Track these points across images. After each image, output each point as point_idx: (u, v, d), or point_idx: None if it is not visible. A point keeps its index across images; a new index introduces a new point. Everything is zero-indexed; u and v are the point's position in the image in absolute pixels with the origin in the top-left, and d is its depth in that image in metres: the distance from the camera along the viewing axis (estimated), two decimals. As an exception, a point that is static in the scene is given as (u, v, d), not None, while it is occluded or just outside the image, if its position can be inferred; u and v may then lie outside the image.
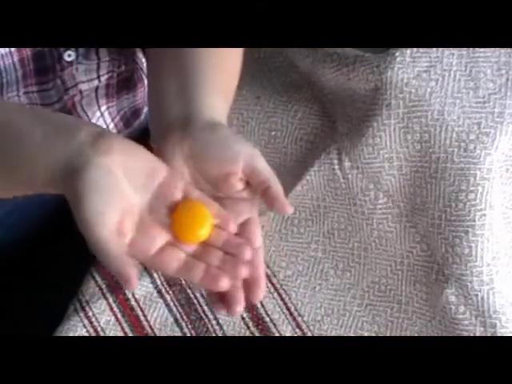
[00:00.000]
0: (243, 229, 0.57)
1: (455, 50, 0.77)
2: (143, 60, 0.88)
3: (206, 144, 0.57)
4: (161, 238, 0.55)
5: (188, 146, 0.58)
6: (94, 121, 0.84)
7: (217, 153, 0.57)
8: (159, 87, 0.65)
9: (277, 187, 0.57)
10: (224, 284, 0.53)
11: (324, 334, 0.84)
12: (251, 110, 0.92)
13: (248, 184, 0.58)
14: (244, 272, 0.54)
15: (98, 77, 0.79)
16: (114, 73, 0.80)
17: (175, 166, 0.57)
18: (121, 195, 0.53)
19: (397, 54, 0.78)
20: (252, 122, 0.92)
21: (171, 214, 0.56)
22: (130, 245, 0.53)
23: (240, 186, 0.57)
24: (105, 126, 0.86)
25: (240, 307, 0.55)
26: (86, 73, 0.77)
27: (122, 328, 0.81)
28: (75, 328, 0.80)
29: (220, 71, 0.67)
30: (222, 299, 0.56)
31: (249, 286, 0.55)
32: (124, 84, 0.85)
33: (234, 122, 0.92)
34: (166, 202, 0.56)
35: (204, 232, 0.56)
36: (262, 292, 0.55)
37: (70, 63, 0.74)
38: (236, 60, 0.71)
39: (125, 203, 0.53)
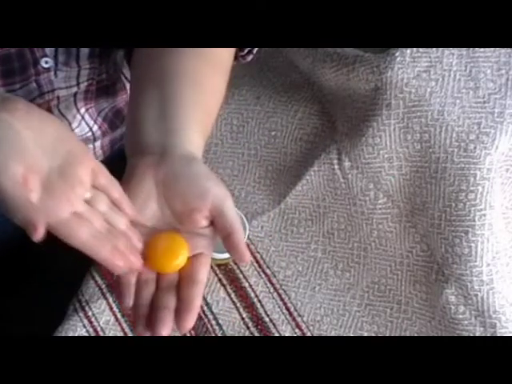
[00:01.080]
0: (190, 262, 0.57)
1: (455, 50, 0.78)
2: (126, 69, 0.87)
3: (179, 176, 0.58)
4: (70, 204, 0.54)
5: (162, 173, 0.58)
6: (75, 124, 0.83)
7: (187, 187, 0.57)
8: (139, 110, 0.65)
9: (239, 235, 0.56)
10: (122, 265, 0.54)
11: (323, 334, 0.84)
12: (251, 109, 0.92)
13: (212, 223, 0.58)
14: (138, 263, 0.55)
15: (78, 84, 0.79)
16: (93, 80, 0.80)
17: (144, 187, 0.58)
18: (24, 151, 0.53)
19: (397, 54, 0.78)
20: (252, 122, 0.92)
21: (146, 243, 0.57)
22: (39, 205, 0.52)
23: (204, 223, 0.57)
24: (88, 129, 0.85)
25: (166, 330, 0.55)
26: (65, 80, 0.77)
27: (122, 328, 0.81)
28: (75, 328, 0.80)
29: (201, 103, 0.67)
30: (148, 321, 0.56)
31: (180, 313, 0.55)
32: (104, 91, 0.84)
33: (234, 122, 0.92)
34: (77, 170, 0.55)
35: (181, 262, 0.57)
36: (191, 321, 0.55)
37: (47, 69, 0.74)
38: (220, 87, 0.71)
39: (29, 160, 0.53)
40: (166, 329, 0.55)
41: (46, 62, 0.73)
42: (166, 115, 0.63)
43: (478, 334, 0.78)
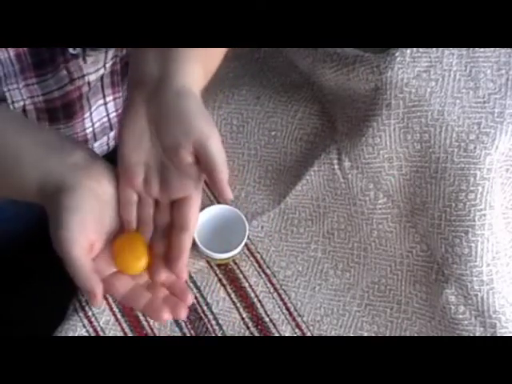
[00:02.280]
0: (180, 207, 0.60)
1: (455, 50, 0.77)
2: None
3: (168, 112, 0.59)
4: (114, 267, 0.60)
5: (154, 108, 0.59)
6: (93, 108, 0.84)
7: (175, 124, 0.58)
8: None
9: (221, 172, 0.58)
10: (165, 317, 0.58)
11: (323, 334, 0.84)
12: (251, 109, 0.92)
13: (198, 162, 0.59)
14: (183, 314, 0.58)
15: (104, 65, 0.79)
16: (117, 57, 0.81)
17: (138, 125, 0.59)
18: (100, 221, 0.58)
19: (397, 54, 0.78)
20: (252, 122, 0.92)
21: (111, 245, 0.60)
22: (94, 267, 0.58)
23: (189, 159, 0.58)
24: (104, 114, 0.86)
25: (162, 274, 0.60)
26: (94, 64, 0.78)
27: (122, 328, 0.81)
28: (75, 328, 0.80)
29: None
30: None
31: (170, 259, 0.59)
32: (127, 70, 0.85)
33: (234, 122, 0.92)
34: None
35: (141, 264, 0.60)
36: (181, 265, 0.59)
37: (76, 56, 0.74)
38: None
39: (101, 228, 0.58)
40: (162, 273, 0.60)
41: (74, 49, 0.74)
42: (167, 50, 0.63)
43: (478, 334, 0.78)
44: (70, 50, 0.73)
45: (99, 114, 0.85)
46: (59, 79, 0.75)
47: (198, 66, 0.63)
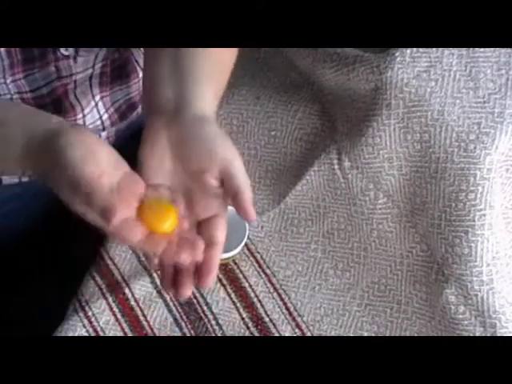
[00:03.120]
0: (207, 225, 0.60)
1: (455, 50, 0.78)
2: (136, 51, 0.88)
3: (190, 138, 0.60)
4: (130, 209, 0.58)
5: (175, 134, 0.60)
6: (87, 110, 0.84)
7: (198, 149, 0.60)
8: (154, 69, 0.67)
9: (246, 195, 0.59)
10: (184, 257, 0.57)
11: (323, 334, 0.84)
12: (251, 109, 0.92)
13: (223, 185, 0.60)
14: (200, 255, 0.58)
15: (93, 65, 0.80)
16: (107, 60, 0.81)
17: (159, 148, 0.60)
18: (98, 159, 0.56)
19: (397, 54, 0.78)
20: (252, 122, 0.92)
21: (139, 206, 0.59)
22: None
23: (214, 183, 0.60)
24: (98, 117, 0.87)
25: (188, 291, 0.59)
26: (83, 64, 0.78)
27: (122, 328, 0.81)
28: (75, 328, 0.80)
29: (215, 62, 0.69)
30: (173, 284, 0.60)
31: (200, 273, 0.59)
32: (118, 73, 0.85)
33: (234, 122, 0.92)
34: (133, 184, 0.59)
35: (169, 225, 0.59)
36: (211, 280, 0.59)
37: (67, 57, 0.75)
38: (231, 54, 0.73)
39: (101, 166, 0.56)
40: (188, 289, 0.59)
41: (66, 50, 0.75)
42: (180, 73, 0.65)
43: (477, 334, 0.78)
44: (62, 50, 0.74)
45: (93, 118, 0.85)
46: (47, 75, 0.76)
47: (209, 84, 0.65)
